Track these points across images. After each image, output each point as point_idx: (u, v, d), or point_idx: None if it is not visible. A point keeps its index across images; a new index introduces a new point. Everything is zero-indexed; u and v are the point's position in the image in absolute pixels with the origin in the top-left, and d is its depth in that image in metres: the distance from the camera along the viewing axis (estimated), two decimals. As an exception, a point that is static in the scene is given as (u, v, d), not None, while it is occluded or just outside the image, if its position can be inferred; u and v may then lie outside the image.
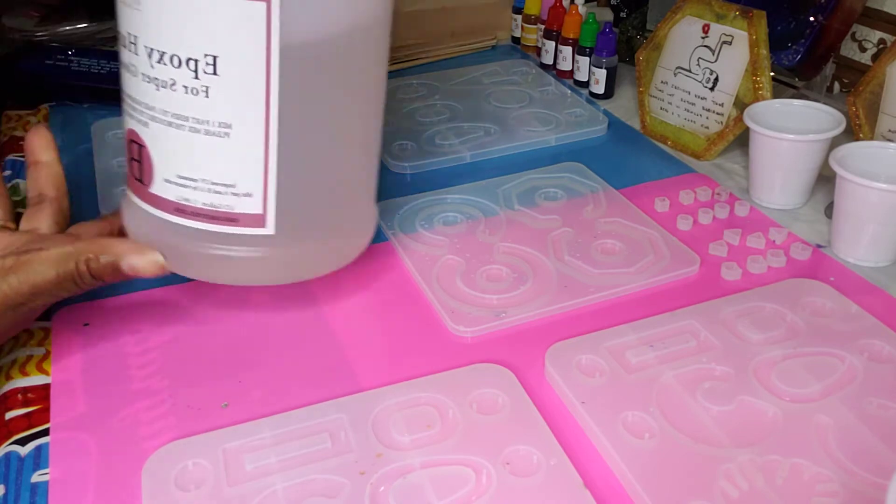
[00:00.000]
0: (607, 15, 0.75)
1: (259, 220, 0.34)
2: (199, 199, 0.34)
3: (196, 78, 0.32)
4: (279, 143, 0.33)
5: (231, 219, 0.34)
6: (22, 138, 0.57)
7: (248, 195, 0.34)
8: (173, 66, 0.32)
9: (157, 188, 0.35)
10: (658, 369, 0.36)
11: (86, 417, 0.34)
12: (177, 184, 0.34)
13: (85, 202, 0.49)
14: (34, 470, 0.32)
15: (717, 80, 0.55)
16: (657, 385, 0.35)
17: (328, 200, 0.38)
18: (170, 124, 0.33)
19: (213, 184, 0.34)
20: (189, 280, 0.43)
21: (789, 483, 0.30)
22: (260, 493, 0.30)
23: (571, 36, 0.66)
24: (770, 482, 0.30)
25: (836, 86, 0.62)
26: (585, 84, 0.66)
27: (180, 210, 0.34)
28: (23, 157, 0.54)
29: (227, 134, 0.33)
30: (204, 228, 0.34)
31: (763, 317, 0.39)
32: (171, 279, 0.43)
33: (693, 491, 0.30)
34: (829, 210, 0.49)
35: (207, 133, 0.33)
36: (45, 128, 0.42)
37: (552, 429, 0.33)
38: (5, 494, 0.31)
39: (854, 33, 0.59)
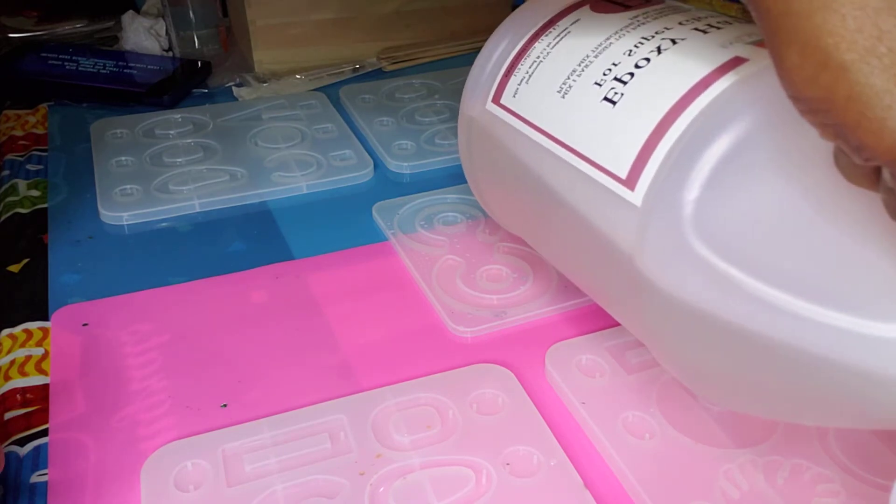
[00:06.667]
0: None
1: None
2: None
3: None
4: None
5: None
6: (21, 138, 0.57)
7: None
8: None
9: None
10: (659, 369, 0.36)
11: (85, 418, 0.34)
12: None
13: (83, 202, 0.49)
14: (33, 470, 0.32)
15: (717, 79, 0.55)
16: (657, 385, 0.35)
17: None
18: None
19: None
20: (188, 280, 0.43)
21: (790, 483, 0.30)
22: (259, 494, 0.30)
23: (571, 35, 0.66)
24: (771, 482, 0.30)
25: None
26: (585, 84, 0.66)
27: None
28: (22, 156, 0.54)
29: None
30: None
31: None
32: (169, 279, 0.43)
33: (693, 491, 0.30)
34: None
35: None
36: None
37: (552, 429, 0.33)
38: (4, 495, 0.31)
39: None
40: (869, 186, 0.20)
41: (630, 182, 0.28)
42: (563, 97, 0.32)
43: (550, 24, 0.34)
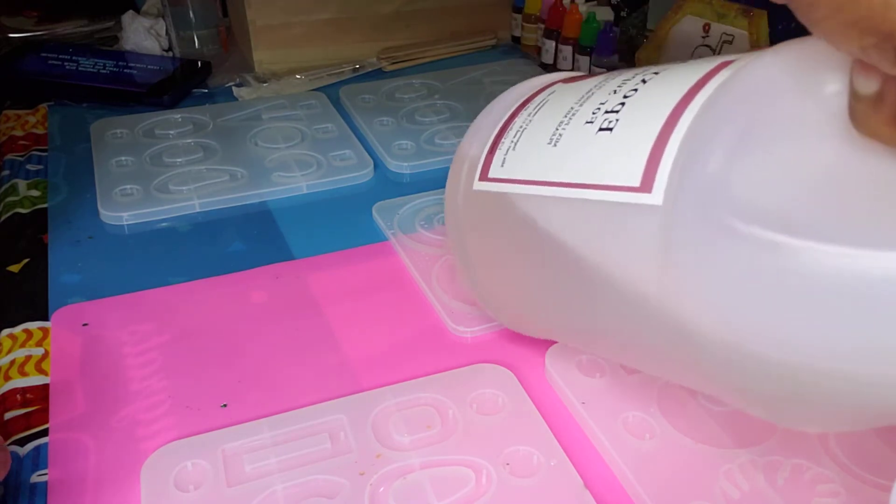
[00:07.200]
0: (608, 14, 0.75)
1: None
2: None
3: None
4: None
5: None
6: (21, 138, 0.57)
7: None
8: None
9: None
10: (658, 369, 0.36)
11: (85, 418, 0.34)
12: None
13: (83, 202, 0.49)
14: (33, 470, 0.32)
15: (717, 79, 0.55)
16: (658, 385, 0.35)
17: None
18: None
19: None
20: (188, 280, 0.43)
21: (790, 483, 0.30)
22: (259, 494, 0.30)
23: (572, 35, 0.66)
24: (771, 482, 0.30)
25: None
26: (585, 84, 0.66)
27: None
28: (21, 156, 0.54)
29: None
30: None
31: (764, 317, 0.39)
32: (169, 279, 0.43)
33: (694, 491, 0.30)
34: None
35: None
36: None
37: (552, 429, 0.33)
38: (4, 495, 0.31)
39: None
40: (888, 136, 0.19)
41: (645, 185, 0.26)
42: (556, 146, 0.30)
43: (527, 101, 0.34)
